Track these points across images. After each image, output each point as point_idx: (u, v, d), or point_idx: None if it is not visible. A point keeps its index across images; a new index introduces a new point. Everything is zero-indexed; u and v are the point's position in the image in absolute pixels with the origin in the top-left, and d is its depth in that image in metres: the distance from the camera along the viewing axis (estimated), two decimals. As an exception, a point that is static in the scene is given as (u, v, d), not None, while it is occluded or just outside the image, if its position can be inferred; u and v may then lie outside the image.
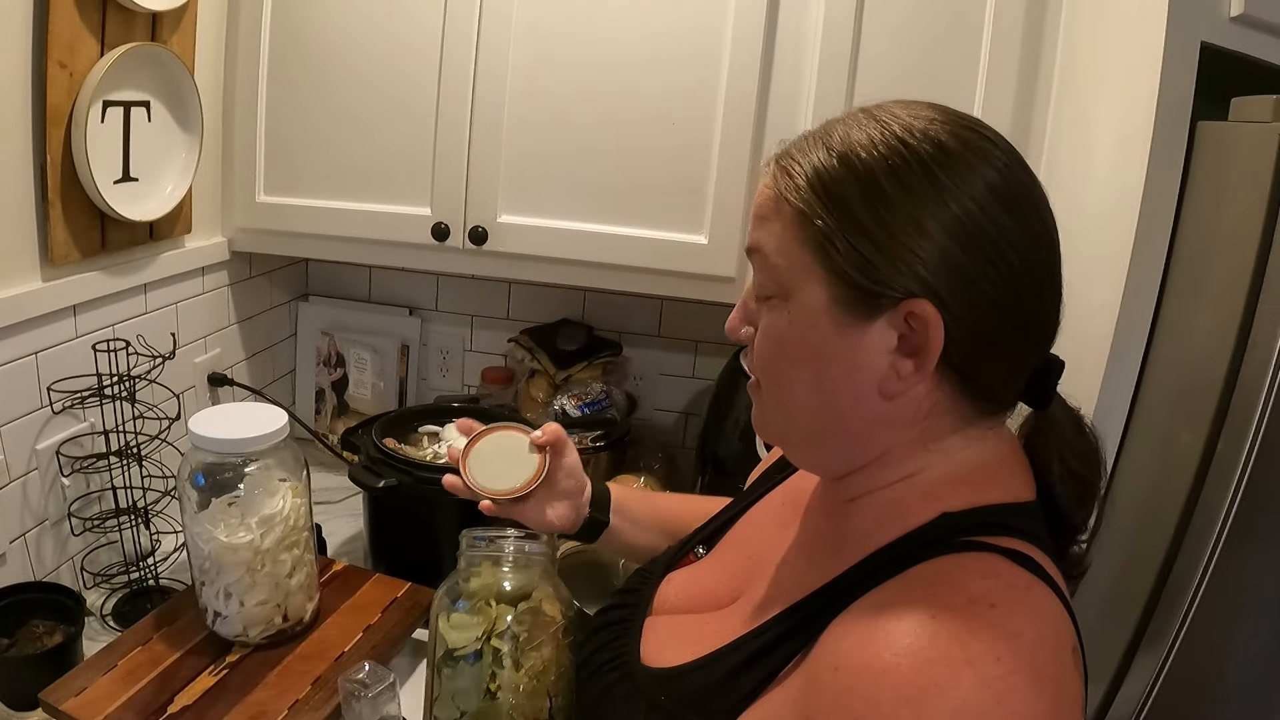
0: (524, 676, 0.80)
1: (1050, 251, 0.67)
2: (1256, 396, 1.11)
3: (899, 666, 0.54)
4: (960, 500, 0.66)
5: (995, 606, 0.57)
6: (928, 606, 0.57)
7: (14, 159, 1.28)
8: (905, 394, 0.65)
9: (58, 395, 1.37)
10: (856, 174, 0.63)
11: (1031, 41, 1.52)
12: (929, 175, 0.62)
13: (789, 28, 1.57)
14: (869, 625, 0.59)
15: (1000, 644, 0.55)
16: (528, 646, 0.81)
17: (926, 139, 0.63)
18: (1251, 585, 1.22)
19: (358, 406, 2.17)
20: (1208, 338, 1.19)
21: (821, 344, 0.65)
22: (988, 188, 0.63)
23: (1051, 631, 0.59)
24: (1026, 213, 0.65)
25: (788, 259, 0.66)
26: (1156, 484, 1.27)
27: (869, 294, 0.63)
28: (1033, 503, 0.69)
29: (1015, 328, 0.65)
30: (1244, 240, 1.13)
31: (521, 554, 0.86)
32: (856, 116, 0.67)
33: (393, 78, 1.67)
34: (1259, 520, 1.16)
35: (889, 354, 0.64)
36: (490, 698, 0.79)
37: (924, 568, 0.61)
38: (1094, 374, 1.28)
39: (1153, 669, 1.23)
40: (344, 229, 1.75)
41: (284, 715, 1.14)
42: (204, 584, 1.25)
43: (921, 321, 0.62)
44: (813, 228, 0.64)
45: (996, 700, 0.53)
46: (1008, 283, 0.63)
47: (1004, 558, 0.61)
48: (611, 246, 1.67)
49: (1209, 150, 1.21)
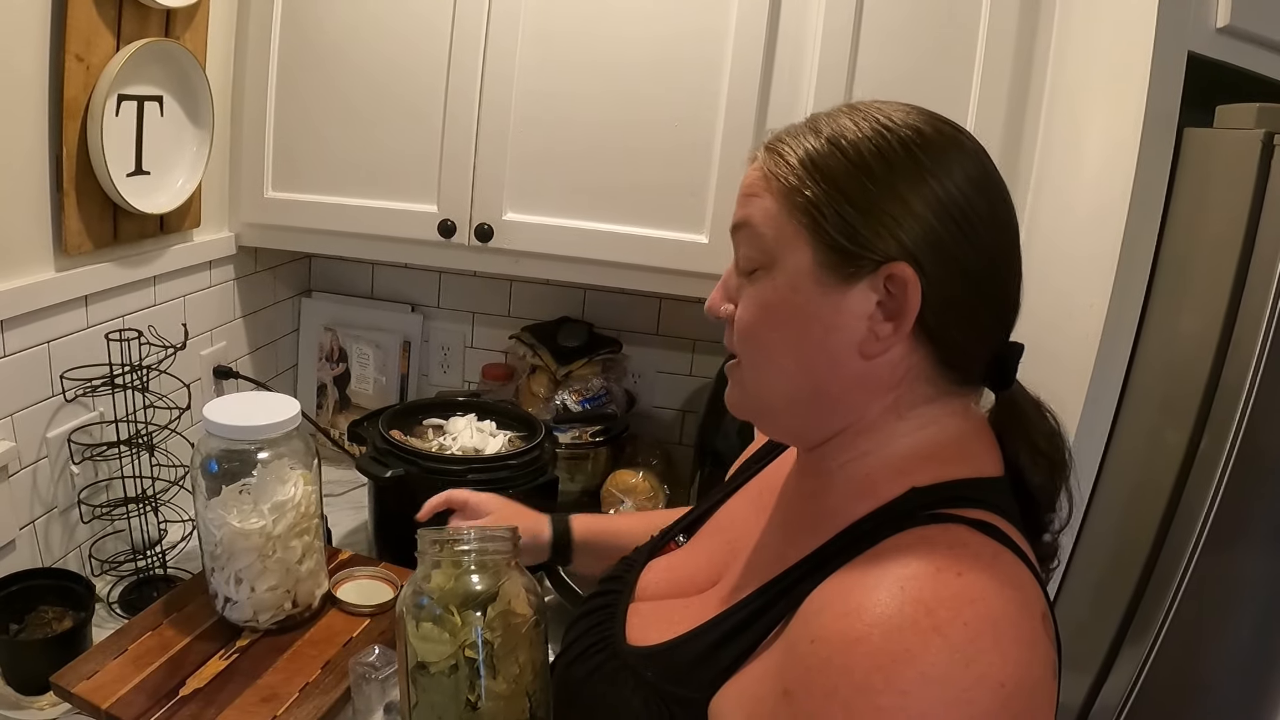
0: (502, 683, 0.79)
1: (1014, 238, 0.72)
2: (1238, 396, 1.15)
3: (870, 636, 0.57)
4: (928, 476, 0.69)
5: (961, 575, 0.60)
6: (897, 578, 0.60)
7: (31, 150, 1.30)
8: (883, 355, 0.68)
9: (70, 384, 1.39)
10: (844, 152, 0.68)
11: (1024, 50, 1.55)
12: (911, 155, 0.67)
13: (789, 33, 1.60)
14: (842, 598, 0.61)
15: (967, 610, 0.57)
16: (503, 653, 0.80)
17: (908, 126, 0.69)
18: (1234, 580, 1.25)
19: (359, 401, 2.19)
20: (1192, 338, 1.22)
21: (805, 306, 0.69)
22: (964, 172, 0.68)
23: (1018, 595, 0.61)
24: (995, 200, 0.70)
25: (775, 229, 0.70)
26: (1142, 481, 1.29)
27: (852, 257, 0.67)
28: (1000, 478, 0.72)
29: (984, 302, 0.70)
30: (1228, 243, 1.16)
31: (485, 553, 0.83)
32: (842, 111, 0.73)
33: (401, 76, 1.70)
34: (1241, 517, 1.19)
35: (868, 316, 0.67)
36: (471, 708, 0.78)
37: (894, 540, 0.64)
38: (1082, 373, 1.30)
39: (1138, 661, 1.26)
40: (351, 225, 1.77)
41: (295, 698, 1.16)
42: (215, 570, 1.27)
43: (900, 284, 0.66)
44: (801, 198, 0.69)
45: (965, 664, 0.56)
46: (979, 258, 0.68)
47: (970, 528, 0.64)
48: (614, 245, 1.70)
49: (1195, 156, 1.24)
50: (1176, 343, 1.26)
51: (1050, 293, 1.41)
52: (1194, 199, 1.24)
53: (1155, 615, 1.24)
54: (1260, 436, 1.15)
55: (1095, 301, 1.29)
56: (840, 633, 0.59)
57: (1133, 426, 1.31)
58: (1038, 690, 0.59)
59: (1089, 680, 1.34)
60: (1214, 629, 1.27)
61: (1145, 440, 1.30)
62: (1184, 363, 1.23)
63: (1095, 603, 1.35)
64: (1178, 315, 1.26)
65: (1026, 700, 0.57)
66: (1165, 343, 1.28)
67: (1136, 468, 1.31)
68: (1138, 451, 1.31)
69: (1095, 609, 1.34)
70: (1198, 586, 1.21)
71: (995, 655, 0.57)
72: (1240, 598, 1.27)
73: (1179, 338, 1.26)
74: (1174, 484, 1.23)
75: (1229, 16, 1.24)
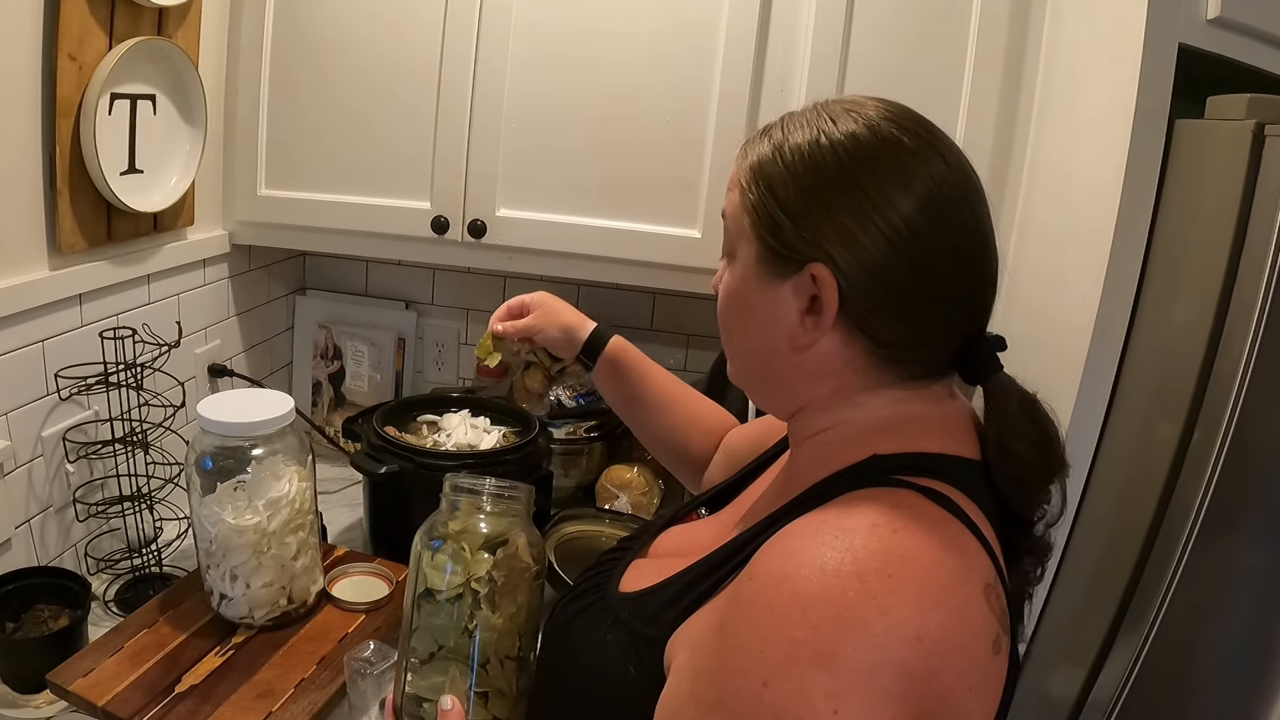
0: (499, 618, 0.86)
1: (971, 241, 0.73)
2: (1231, 387, 1.15)
3: (797, 575, 0.60)
4: (891, 446, 0.73)
5: (897, 532, 0.62)
6: (835, 528, 0.63)
7: (24, 149, 1.30)
8: (810, 347, 0.74)
9: (65, 382, 1.39)
10: (784, 162, 0.74)
11: (1016, 42, 1.55)
12: (839, 165, 0.72)
13: (781, 26, 1.61)
14: (783, 542, 0.65)
15: (894, 564, 0.60)
16: (505, 591, 0.87)
17: (848, 135, 0.73)
18: (1228, 570, 1.26)
19: (354, 399, 2.20)
20: (1185, 329, 1.22)
21: (750, 297, 0.77)
22: (898, 181, 0.71)
23: (956, 562, 0.63)
24: (941, 207, 0.72)
25: (736, 223, 0.78)
26: (1135, 472, 1.30)
27: (783, 257, 0.73)
28: (972, 461, 0.74)
29: (919, 302, 0.72)
30: (1220, 234, 1.17)
31: (500, 500, 0.92)
32: (806, 114, 0.77)
33: (393, 73, 1.70)
34: (1234, 507, 1.20)
35: (798, 310, 0.73)
36: (467, 635, 0.85)
37: (843, 497, 0.67)
38: (1075, 365, 1.31)
39: (1132, 651, 1.26)
40: (344, 222, 1.77)
41: (290, 694, 1.17)
42: (210, 567, 1.28)
43: (819, 283, 0.71)
44: (749, 199, 0.76)
45: (880, 611, 0.58)
46: (908, 263, 0.70)
47: (919, 494, 0.66)
48: (607, 240, 1.71)
49: (1186, 147, 1.25)
50: (1169, 333, 1.26)
51: (1043, 284, 1.42)
52: (1186, 190, 1.25)
53: (1149, 606, 1.25)
54: (1253, 427, 1.15)
55: (1088, 292, 1.29)
56: (771, 571, 0.62)
57: (1126, 417, 1.32)
58: (965, 656, 0.61)
59: (1084, 671, 1.35)
60: (1208, 619, 1.27)
61: (1138, 431, 1.30)
62: (1177, 353, 1.24)
63: (1090, 594, 1.35)
64: (1170, 306, 1.26)
65: (946, 661, 0.59)
66: (1158, 334, 1.28)
67: (1130, 459, 1.31)
68: (1131, 443, 1.31)
69: (1090, 600, 1.35)
70: (1192, 577, 1.21)
71: (914, 609, 0.58)
72: (1234, 588, 1.28)
73: (1172, 328, 1.26)
74: (1167, 475, 1.24)
75: (1219, 8, 1.24)
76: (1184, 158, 1.25)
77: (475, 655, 0.85)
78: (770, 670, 0.58)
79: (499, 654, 0.86)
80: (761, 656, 0.59)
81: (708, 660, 0.64)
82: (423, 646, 0.87)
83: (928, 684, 0.58)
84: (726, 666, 0.61)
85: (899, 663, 0.57)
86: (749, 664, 0.59)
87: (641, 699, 0.70)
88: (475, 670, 0.85)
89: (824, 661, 0.57)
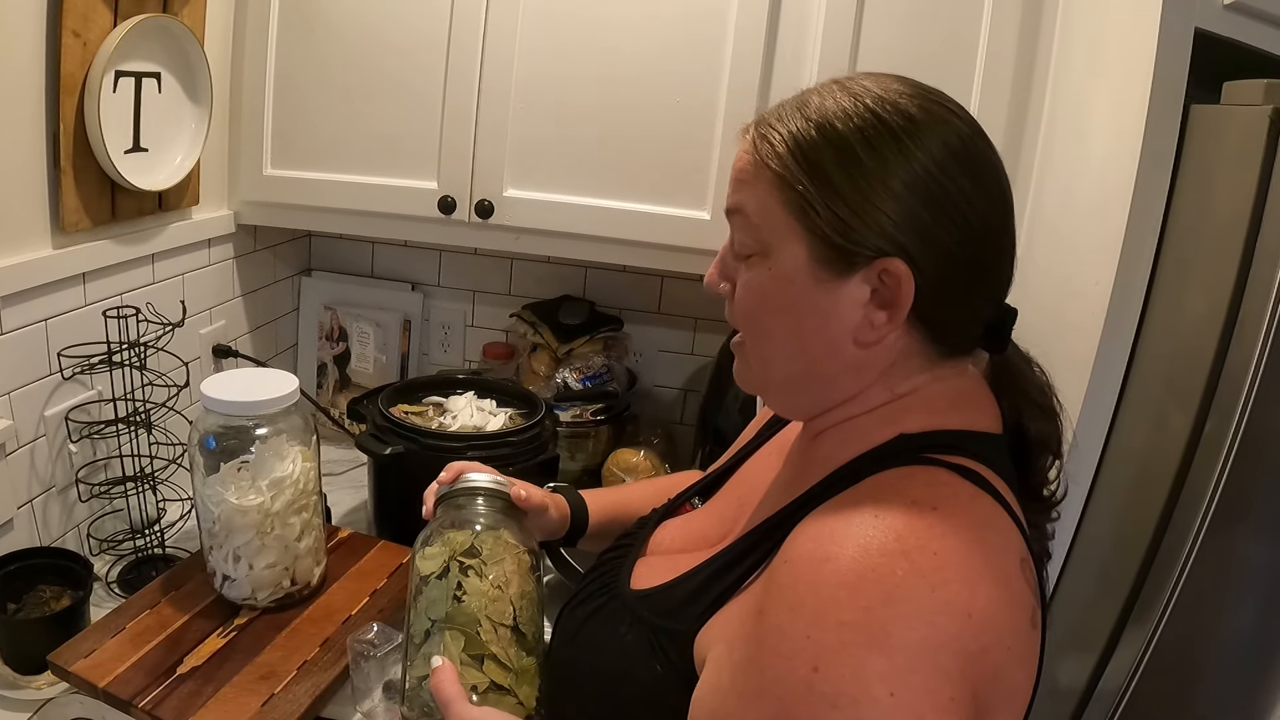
0: (488, 585, 0.86)
1: (1003, 211, 0.72)
2: (1244, 378, 1.14)
3: (840, 556, 0.59)
4: (917, 424, 0.71)
5: (937, 509, 0.61)
6: (873, 508, 0.62)
7: (28, 127, 1.29)
8: (879, 343, 0.70)
9: (68, 361, 1.39)
10: (832, 142, 0.68)
11: (1029, 29, 1.53)
12: (897, 142, 0.67)
13: (792, 13, 1.59)
14: (818, 524, 0.63)
15: (937, 541, 0.59)
16: (491, 560, 0.88)
17: (896, 110, 0.69)
18: (1238, 562, 1.25)
19: (360, 380, 2.19)
20: (1198, 319, 1.21)
21: (800, 297, 0.70)
22: (949, 152, 0.68)
23: (995, 537, 0.63)
24: (983, 175, 0.70)
25: (769, 220, 0.71)
26: (1146, 463, 1.29)
27: (846, 253, 0.68)
28: (996, 435, 0.73)
29: (972, 279, 0.70)
30: (1234, 220, 1.15)
31: (487, 495, 0.95)
32: (830, 88, 0.72)
33: (400, 53, 1.68)
34: (1245, 499, 1.19)
35: (863, 306, 0.69)
36: (456, 601, 0.85)
37: (876, 477, 0.66)
38: (1087, 354, 1.29)
39: (1141, 641, 1.25)
40: (350, 202, 1.76)
41: (293, 675, 1.16)
42: (213, 547, 1.27)
43: (894, 277, 0.67)
44: (793, 192, 0.69)
45: (930, 588, 0.57)
46: (966, 238, 0.68)
47: (951, 471, 0.65)
48: (616, 221, 1.69)
49: (1201, 133, 1.23)
50: (1182, 324, 1.25)
51: (1055, 272, 1.40)
52: (1201, 176, 1.23)
53: (1159, 597, 1.24)
54: (1265, 419, 1.14)
55: (1100, 280, 1.28)
56: (810, 553, 0.61)
57: (1137, 408, 1.31)
58: (1009, 631, 0.60)
59: (1093, 660, 1.34)
60: (1217, 610, 1.26)
61: (1150, 422, 1.29)
62: (1189, 344, 1.22)
63: (1099, 584, 1.35)
64: (1183, 295, 1.25)
65: (995, 637, 0.58)
66: (1170, 324, 1.27)
67: (1141, 450, 1.30)
68: (1142, 433, 1.30)
69: (1099, 590, 1.34)
70: (1201, 568, 1.20)
71: (962, 585, 0.58)
72: (1244, 579, 1.27)
73: (1184, 319, 1.25)
74: (1178, 466, 1.23)
75: (1237, -8, 1.22)
76: (1199, 143, 1.23)
77: (463, 616, 0.85)
78: (818, 655, 0.56)
79: (491, 617, 0.85)
80: (808, 641, 0.57)
81: (747, 649, 0.62)
82: (419, 626, 0.87)
83: (980, 660, 0.57)
84: (769, 653, 0.60)
85: (952, 639, 0.56)
86: (794, 649, 0.58)
87: (672, 697, 0.69)
88: (468, 633, 0.85)
89: (877, 643, 0.55)
